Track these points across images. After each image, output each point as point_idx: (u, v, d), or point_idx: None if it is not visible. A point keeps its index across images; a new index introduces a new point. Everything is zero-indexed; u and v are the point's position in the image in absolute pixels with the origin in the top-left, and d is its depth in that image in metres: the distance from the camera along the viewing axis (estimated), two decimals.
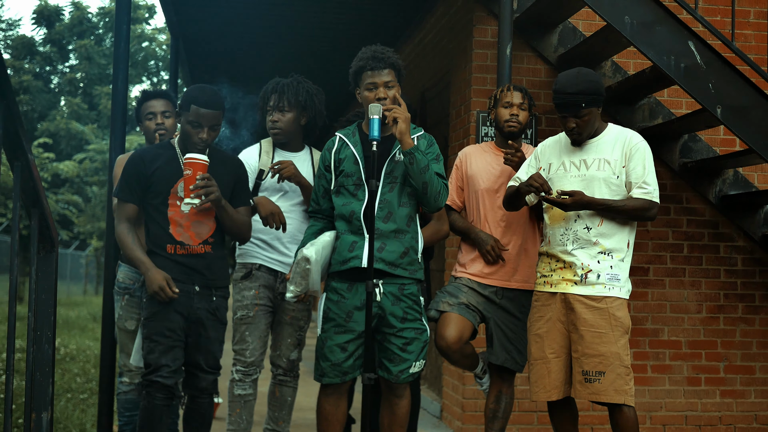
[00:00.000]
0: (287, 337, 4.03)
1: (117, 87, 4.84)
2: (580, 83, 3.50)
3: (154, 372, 3.46)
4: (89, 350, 9.90)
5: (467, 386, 5.25)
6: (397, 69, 3.57)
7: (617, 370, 3.44)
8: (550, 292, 3.60)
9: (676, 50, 4.49)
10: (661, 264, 5.46)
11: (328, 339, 3.53)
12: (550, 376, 3.57)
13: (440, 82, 6.43)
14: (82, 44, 27.95)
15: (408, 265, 3.53)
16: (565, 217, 3.58)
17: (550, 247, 3.62)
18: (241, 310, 3.94)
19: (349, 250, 3.50)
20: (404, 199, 3.54)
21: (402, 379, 3.55)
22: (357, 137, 3.61)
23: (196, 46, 7.95)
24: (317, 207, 3.67)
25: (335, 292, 3.54)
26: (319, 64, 8.18)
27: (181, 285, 3.49)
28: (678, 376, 5.47)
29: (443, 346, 3.81)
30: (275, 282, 3.99)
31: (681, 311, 5.49)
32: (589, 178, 3.55)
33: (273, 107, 4.03)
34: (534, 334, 3.64)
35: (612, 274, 3.50)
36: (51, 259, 3.06)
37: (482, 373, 4.04)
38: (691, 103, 5.44)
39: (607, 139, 3.60)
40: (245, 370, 3.93)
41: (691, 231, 5.52)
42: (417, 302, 3.57)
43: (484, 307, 3.90)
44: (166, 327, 3.47)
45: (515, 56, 5.20)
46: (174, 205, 3.55)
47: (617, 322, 3.47)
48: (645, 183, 3.51)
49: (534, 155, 3.77)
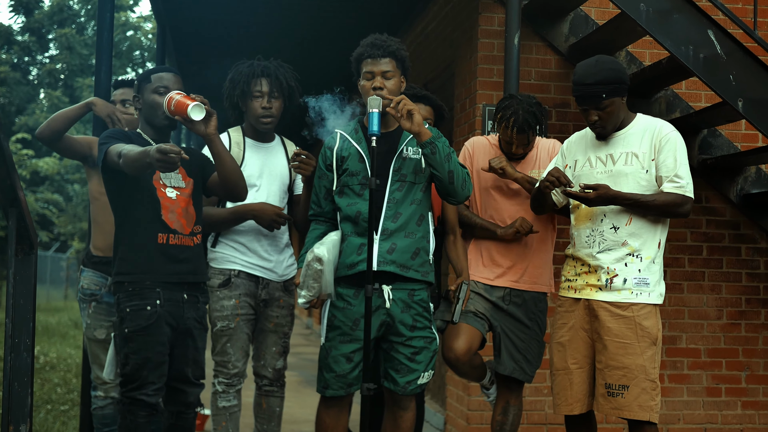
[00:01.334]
0: (272, 345, 4.01)
1: (100, 79, 4.84)
2: (600, 72, 3.44)
3: (138, 389, 3.38)
4: (70, 359, 9.89)
5: (472, 397, 5.25)
6: (400, 59, 3.52)
7: (642, 384, 3.39)
8: (574, 298, 3.56)
9: (694, 40, 4.49)
10: (678, 267, 5.46)
11: (332, 348, 3.51)
12: (572, 388, 3.53)
13: (443, 73, 6.42)
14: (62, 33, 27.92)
15: (419, 266, 3.51)
16: (591, 217, 3.53)
17: (575, 250, 3.59)
18: (221, 321, 3.87)
19: (357, 253, 3.47)
20: (415, 197, 3.51)
21: (409, 391, 3.54)
22: (360, 133, 3.58)
23: (183, 35, 7.95)
24: (319, 210, 3.64)
25: (341, 299, 3.52)
26: (313, 55, 8.18)
27: (169, 293, 3.43)
28: (697, 386, 5.46)
29: (452, 358, 3.80)
30: (256, 289, 3.93)
31: (700, 317, 5.49)
32: (616, 174, 3.49)
33: (264, 93, 3.92)
34: (556, 342, 3.60)
35: (640, 279, 3.44)
36: (30, 261, 3.05)
37: (489, 383, 4.04)
38: (710, 96, 5.44)
39: (635, 130, 3.53)
40: (228, 382, 3.91)
41: (710, 232, 5.52)
42: (427, 309, 3.56)
43: (491, 314, 3.89)
44: (157, 341, 3.40)
45: (523, 46, 5.20)
46: (161, 191, 3.47)
47: (644, 332, 3.41)
48: (677, 176, 3.42)
49: (561, 152, 3.73)
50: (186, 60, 8.89)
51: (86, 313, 4.19)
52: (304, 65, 4.63)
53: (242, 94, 3.95)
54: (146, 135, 3.57)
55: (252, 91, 3.93)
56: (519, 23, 4.53)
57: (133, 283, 3.42)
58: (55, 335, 12.88)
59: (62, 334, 13.14)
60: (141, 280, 3.42)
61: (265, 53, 4.08)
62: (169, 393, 3.54)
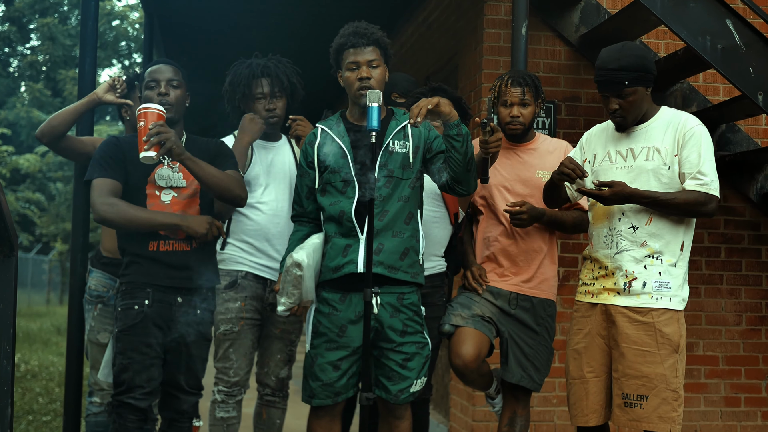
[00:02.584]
0: (277, 353, 4.02)
1: (84, 71, 4.82)
2: (624, 58, 3.42)
3: (126, 392, 3.43)
4: (53, 367, 9.89)
5: (477, 407, 5.25)
6: (383, 47, 3.54)
7: (663, 394, 3.36)
8: (590, 303, 3.55)
9: (712, 30, 4.49)
10: (695, 270, 5.45)
11: (318, 356, 3.50)
12: (588, 398, 3.51)
13: (446, 66, 6.42)
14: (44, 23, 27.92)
15: (409, 267, 3.50)
16: (608, 216, 3.51)
17: (592, 250, 3.57)
18: (225, 324, 3.89)
19: (342, 254, 3.46)
20: (402, 194, 3.50)
21: (402, 399, 3.54)
22: (342, 127, 3.57)
23: (172, 25, 7.94)
24: (301, 210, 3.64)
25: (326, 304, 3.51)
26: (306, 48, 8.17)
27: (161, 295, 3.46)
28: (714, 395, 5.46)
29: (459, 365, 3.77)
30: (264, 291, 3.96)
31: (718, 323, 5.49)
32: (637, 170, 3.46)
33: (266, 94, 3.95)
34: (572, 349, 3.59)
35: (660, 282, 3.42)
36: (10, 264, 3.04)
37: (495, 392, 4.03)
38: (729, 89, 5.44)
39: (658, 124, 3.51)
40: (228, 391, 3.92)
41: (729, 233, 5.52)
42: (418, 313, 3.56)
43: (498, 318, 3.88)
44: (142, 342, 3.43)
45: (531, 36, 5.20)
46: (153, 196, 3.50)
47: (665, 339, 3.39)
48: (700, 173, 3.39)
49: (579, 145, 3.72)
50: (175, 51, 8.88)
51: (91, 315, 4.20)
52: (300, 58, 4.62)
53: (243, 98, 3.99)
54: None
55: (254, 93, 3.97)
56: (527, 12, 4.53)
57: (127, 283, 3.49)
58: (37, 342, 12.88)
59: (44, 340, 13.14)
60: (134, 281, 3.48)
61: (258, 44, 4.09)
62: (164, 398, 3.58)
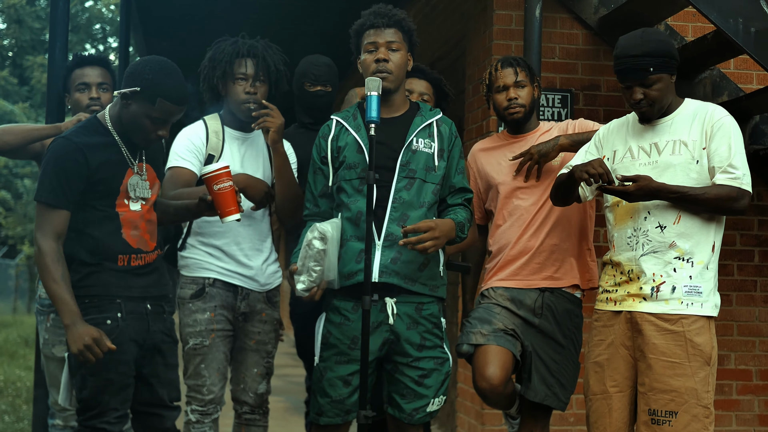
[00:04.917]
0: (253, 366, 4.00)
1: (54, 57, 4.84)
2: (647, 44, 3.42)
3: (98, 416, 3.35)
4: (20, 382, 9.89)
5: (486, 426, 5.25)
6: (407, 31, 3.57)
7: (693, 410, 3.34)
8: (613, 311, 3.53)
9: (744, 11, 4.49)
10: (726, 275, 5.46)
11: (328, 370, 3.50)
12: (611, 415, 3.50)
13: (453, 51, 6.43)
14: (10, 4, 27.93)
15: (428, 279, 3.50)
16: (632, 215, 3.50)
17: (614, 254, 3.56)
18: (194, 337, 3.85)
19: (356, 260, 3.45)
20: (425, 199, 3.50)
21: (416, 420, 3.53)
22: (359, 120, 3.57)
23: (150, 7, 7.95)
24: (315, 209, 3.63)
25: (337, 313, 3.51)
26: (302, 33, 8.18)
27: (132, 305, 3.43)
28: (747, 413, 5.47)
29: (486, 388, 3.74)
30: (235, 300, 3.91)
31: (751, 333, 5.49)
32: (663, 166, 3.46)
33: (249, 76, 3.89)
34: (593, 362, 3.57)
35: (691, 287, 3.41)
36: None
37: (517, 413, 3.99)
38: (763, 77, 5.44)
39: (684, 116, 3.51)
40: (203, 410, 3.89)
41: (763, 234, 5.52)
42: (438, 325, 3.54)
43: (522, 330, 3.85)
44: (120, 361, 3.37)
45: (546, 19, 5.19)
46: (122, 205, 3.44)
47: (696, 350, 3.37)
48: (731, 167, 3.39)
49: (594, 141, 3.70)
50: (154, 36, 8.89)
51: (44, 327, 4.18)
52: (292, 45, 4.62)
53: (223, 76, 3.91)
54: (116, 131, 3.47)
55: (235, 72, 3.90)
56: None
57: (91, 296, 3.38)
58: (3, 355, 12.88)
59: (10, 353, 13.14)
60: (99, 294, 3.39)
61: (246, 30, 4.05)
62: (142, 420, 3.53)
